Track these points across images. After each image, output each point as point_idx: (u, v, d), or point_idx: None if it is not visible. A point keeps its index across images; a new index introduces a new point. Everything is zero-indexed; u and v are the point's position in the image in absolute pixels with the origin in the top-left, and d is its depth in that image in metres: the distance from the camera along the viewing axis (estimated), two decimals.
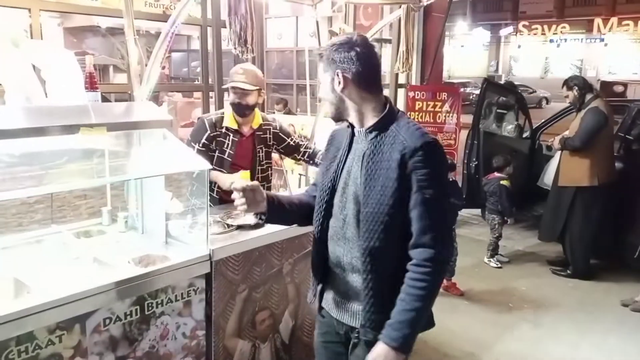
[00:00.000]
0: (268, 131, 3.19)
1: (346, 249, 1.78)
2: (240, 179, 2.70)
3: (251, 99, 2.99)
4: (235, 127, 3.07)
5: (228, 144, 3.06)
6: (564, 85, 4.80)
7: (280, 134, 3.23)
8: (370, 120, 1.76)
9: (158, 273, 2.19)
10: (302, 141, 3.37)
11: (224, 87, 3.07)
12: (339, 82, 1.74)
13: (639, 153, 5.13)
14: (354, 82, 1.73)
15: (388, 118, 1.75)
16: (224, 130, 3.04)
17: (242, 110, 3.02)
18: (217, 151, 3.04)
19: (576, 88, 4.67)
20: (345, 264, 1.79)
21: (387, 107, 1.77)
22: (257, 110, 3.15)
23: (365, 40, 1.76)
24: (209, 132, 3.02)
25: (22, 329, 1.80)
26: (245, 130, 3.11)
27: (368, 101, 1.76)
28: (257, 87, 3.00)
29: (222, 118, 3.07)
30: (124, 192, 2.83)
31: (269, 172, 3.26)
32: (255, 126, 3.13)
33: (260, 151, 3.16)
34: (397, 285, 1.69)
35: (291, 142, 3.28)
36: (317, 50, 1.82)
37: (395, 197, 1.67)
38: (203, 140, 3.01)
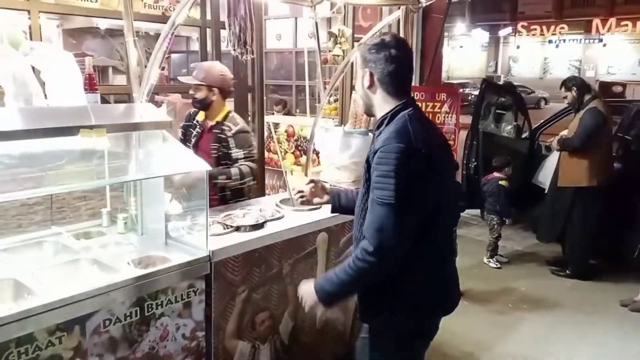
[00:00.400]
0: (224, 132, 3.13)
1: None
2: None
3: (199, 94, 3.09)
4: (201, 119, 3.21)
5: (194, 135, 3.21)
6: (562, 86, 4.81)
7: (230, 139, 3.11)
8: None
9: (158, 274, 2.19)
10: (244, 160, 3.14)
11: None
12: (367, 80, 1.88)
13: (637, 153, 5.14)
14: (379, 82, 1.86)
15: (386, 119, 1.86)
16: (194, 122, 3.23)
17: (193, 103, 3.17)
18: (186, 142, 3.21)
19: (574, 89, 4.68)
20: None
21: (393, 109, 1.85)
22: (226, 108, 3.19)
23: (399, 42, 1.88)
24: (184, 122, 3.28)
25: (22, 330, 1.80)
26: (207, 124, 3.20)
27: (389, 102, 1.87)
28: (201, 83, 3.06)
29: (197, 111, 3.24)
30: (123, 194, 2.84)
31: None
32: (212, 122, 3.18)
33: (216, 150, 3.11)
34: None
35: (232, 154, 3.11)
36: (357, 48, 2.02)
37: (365, 194, 1.85)
38: (180, 130, 3.26)
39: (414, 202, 1.73)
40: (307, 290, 1.96)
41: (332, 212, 2.35)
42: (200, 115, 3.22)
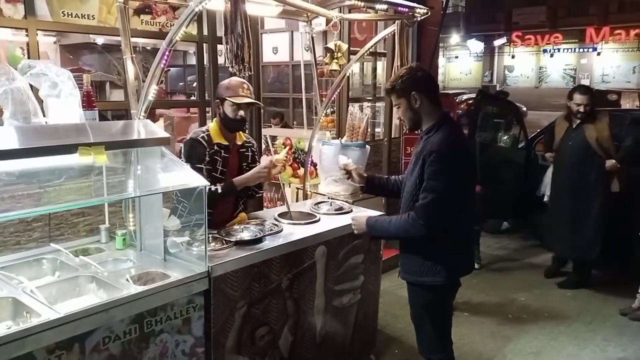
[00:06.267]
0: (249, 149, 3.13)
1: None
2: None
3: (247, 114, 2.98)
4: (225, 142, 2.96)
5: (220, 161, 2.93)
6: (587, 92, 4.78)
7: (256, 155, 3.19)
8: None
9: (157, 290, 2.19)
10: None
11: (225, 98, 2.86)
12: (416, 100, 2.41)
13: (631, 162, 5.15)
14: (425, 98, 2.42)
15: (434, 126, 2.43)
16: (215, 147, 2.92)
17: (243, 125, 3.00)
18: (211, 169, 2.91)
19: (591, 99, 4.73)
20: None
21: (439, 120, 2.44)
22: None
23: (420, 66, 2.58)
24: (207, 149, 2.88)
25: (21, 349, 1.79)
26: (231, 146, 3.02)
27: (434, 112, 2.45)
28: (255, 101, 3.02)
29: (209, 135, 2.93)
30: (122, 209, 2.84)
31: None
32: (239, 142, 3.06)
33: (245, 168, 3.07)
34: (412, 245, 2.53)
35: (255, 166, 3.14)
36: (387, 86, 2.52)
37: (417, 182, 2.42)
38: (206, 159, 2.87)
39: (455, 191, 2.34)
40: (360, 221, 2.63)
41: (365, 192, 3.00)
42: (221, 138, 2.96)
